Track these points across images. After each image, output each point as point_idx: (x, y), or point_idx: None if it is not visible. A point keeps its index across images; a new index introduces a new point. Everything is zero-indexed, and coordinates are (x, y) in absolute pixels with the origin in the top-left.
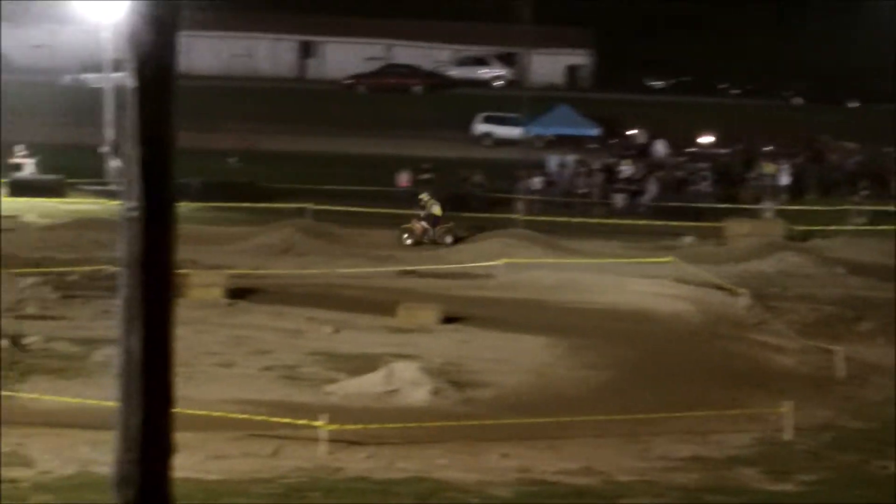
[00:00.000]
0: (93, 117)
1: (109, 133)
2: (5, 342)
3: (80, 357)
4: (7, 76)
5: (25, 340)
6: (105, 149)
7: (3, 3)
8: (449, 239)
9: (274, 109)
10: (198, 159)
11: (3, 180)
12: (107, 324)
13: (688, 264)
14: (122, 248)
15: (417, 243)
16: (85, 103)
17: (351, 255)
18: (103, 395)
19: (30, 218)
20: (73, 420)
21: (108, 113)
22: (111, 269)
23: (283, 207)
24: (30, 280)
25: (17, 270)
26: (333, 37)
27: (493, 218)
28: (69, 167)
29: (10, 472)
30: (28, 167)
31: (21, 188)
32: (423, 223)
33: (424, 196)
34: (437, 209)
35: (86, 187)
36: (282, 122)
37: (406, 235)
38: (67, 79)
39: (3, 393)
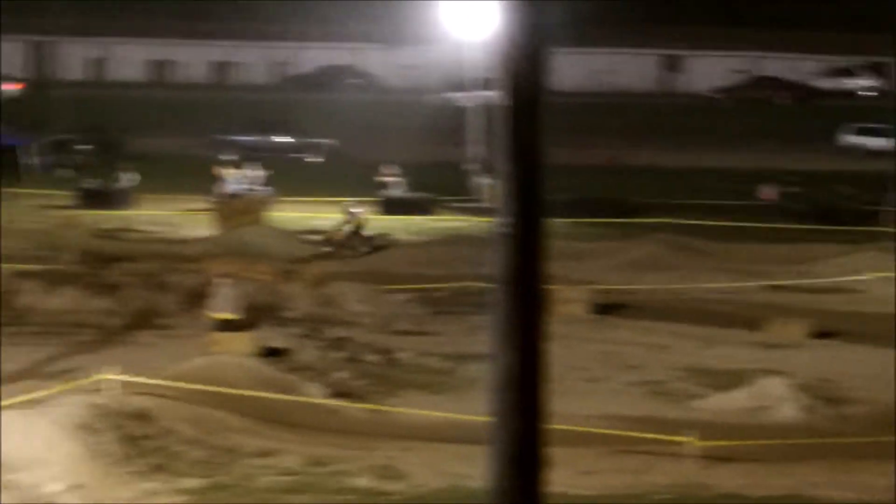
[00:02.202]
0: (457, 135)
1: (474, 150)
2: (378, 357)
3: (450, 372)
4: (377, 96)
5: (397, 355)
6: (470, 166)
7: (374, 26)
8: (365, 249)
9: (637, 124)
10: (565, 175)
11: (374, 199)
12: (475, 339)
13: None
14: (495, 264)
15: (332, 253)
16: (449, 121)
17: (716, 270)
18: (473, 409)
19: (400, 235)
20: (443, 434)
21: (473, 130)
22: (479, 285)
23: (648, 222)
24: (401, 296)
25: (390, 287)
26: (698, 50)
27: (864, 231)
28: (435, 185)
29: (383, 485)
30: (397, 185)
31: (392, 206)
32: (346, 233)
33: (354, 209)
34: (362, 227)
35: (453, 205)
36: (645, 137)
37: (326, 242)
38: (433, 98)
39: (376, 407)
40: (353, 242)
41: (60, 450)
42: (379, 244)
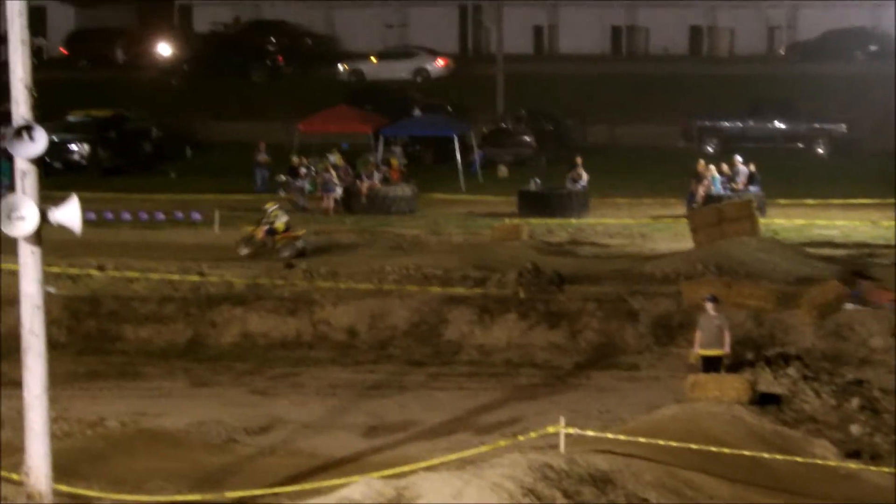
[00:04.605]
0: None
1: None
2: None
3: None
4: None
5: None
6: None
7: None
8: (287, 252)
9: None
10: None
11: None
12: None
13: None
14: None
15: (254, 254)
16: None
17: None
18: None
19: None
20: None
21: None
22: None
23: None
24: None
25: None
26: None
27: None
28: None
29: None
30: None
31: None
32: (265, 233)
33: (270, 205)
34: (280, 223)
35: None
36: None
37: (243, 244)
38: None
39: None
40: (272, 245)
41: None
42: (309, 249)
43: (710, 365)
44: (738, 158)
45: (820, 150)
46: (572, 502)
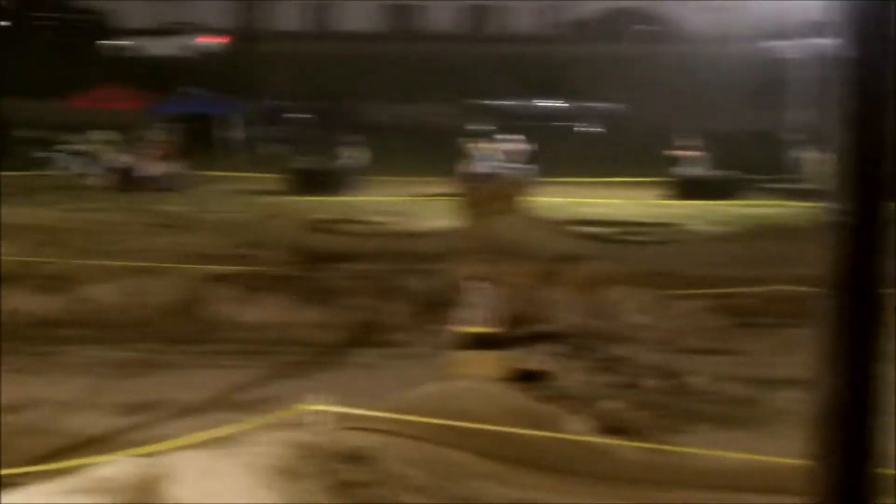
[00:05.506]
0: (777, 97)
1: (797, 116)
2: (662, 382)
3: (755, 402)
4: (675, 48)
5: (686, 380)
6: (791, 136)
7: None
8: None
9: None
10: None
11: (666, 179)
12: (789, 360)
13: None
14: (821, 263)
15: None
16: (767, 79)
17: None
18: (785, 450)
19: (696, 225)
20: (745, 482)
21: (798, 91)
22: (797, 290)
23: None
24: (695, 304)
25: (681, 292)
26: None
27: None
28: (745, 161)
29: None
30: (696, 161)
31: (689, 188)
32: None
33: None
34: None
35: (767, 186)
36: None
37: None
38: (746, 48)
39: (658, 446)
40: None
41: (253, 500)
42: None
43: (476, 342)
44: (512, 137)
45: (594, 130)
46: (331, 480)
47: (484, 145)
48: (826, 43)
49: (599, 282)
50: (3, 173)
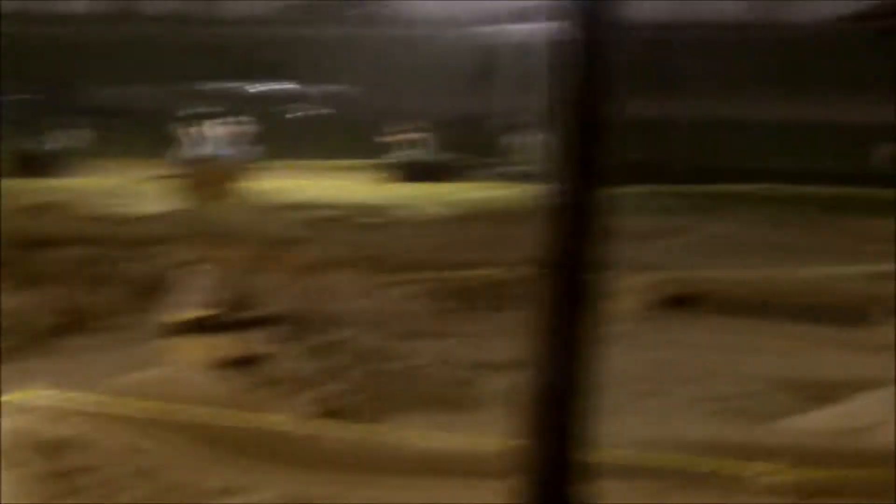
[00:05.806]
0: (494, 80)
1: (509, 100)
2: (378, 365)
3: (470, 384)
4: (389, 30)
5: (403, 363)
6: (502, 120)
7: None
8: None
9: (728, 66)
10: (631, 132)
11: (387, 162)
12: (506, 343)
13: None
14: (536, 246)
15: None
16: (484, 63)
17: (820, 251)
18: (499, 432)
19: (417, 209)
20: (458, 465)
21: (509, 75)
22: (515, 273)
23: (734, 191)
24: (413, 288)
25: (400, 276)
26: None
27: None
28: (464, 143)
29: None
30: (414, 145)
31: (411, 172)
32: None
33: None
34: None
35: (483, 170)
36: (737, 83)
37: None
38: (456, 32)
39: (369, 429)
40: None
41: None
42: None
43: (190, 327)
44: (232, 119)
45: (318, 112)
46: (41, 469)
47: (202, 128)
48: (542, 27)
49: (318, 265)
50: None
